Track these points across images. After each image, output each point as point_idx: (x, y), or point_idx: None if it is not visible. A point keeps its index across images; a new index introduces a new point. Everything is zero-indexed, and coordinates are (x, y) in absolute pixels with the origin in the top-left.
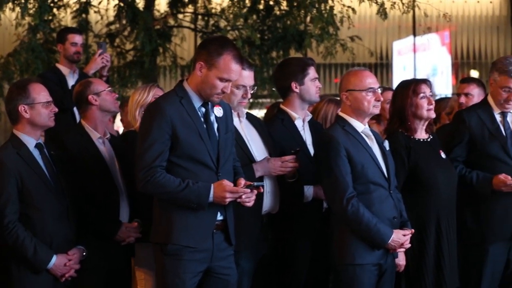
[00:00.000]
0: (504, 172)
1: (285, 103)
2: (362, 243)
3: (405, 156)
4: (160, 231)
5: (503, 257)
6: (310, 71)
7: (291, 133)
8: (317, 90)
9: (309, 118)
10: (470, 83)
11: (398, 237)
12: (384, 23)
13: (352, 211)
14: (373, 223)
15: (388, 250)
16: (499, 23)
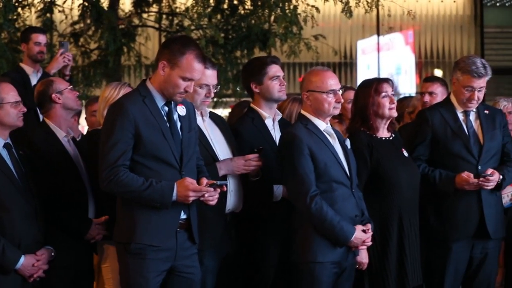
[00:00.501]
0: (467, 170)
1: (254, 102)
2: (324, 241)
3: (367, 155)
4: (123, 230)
5: (465, 254)
6: (269, 70)
7: (261, 132)
8: (279, 88)
9: (279, 117)
10: (434, 82)
11: (360, 235)
12: (348, 22)
13: (316, 209)
14: (336, 220)
15: (350, 248)
16: (462, 23)
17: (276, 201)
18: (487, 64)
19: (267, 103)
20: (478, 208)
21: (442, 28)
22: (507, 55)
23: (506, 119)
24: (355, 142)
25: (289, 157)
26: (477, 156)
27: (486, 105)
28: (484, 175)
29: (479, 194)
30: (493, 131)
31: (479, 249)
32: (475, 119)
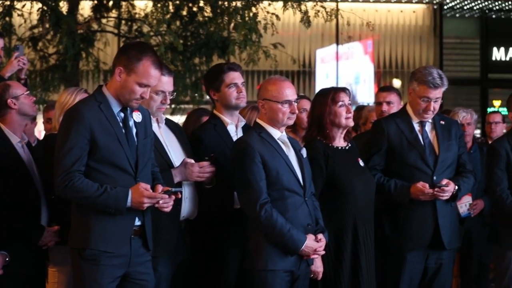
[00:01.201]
0: (422, 180)
1: (216, 109)
2: (275, 249)
3: (323, 164)
4: (78, 236)
5: (420, 265)
6: (226, 77)
7: (223, 138)
8: (237, 96)
9: (242, 124)
10: (390, 91)
11: (312, 243)
12: (308, 31)
13: (266, 217)
14: (286, 229)
15: (302, 256)
16: (422, 33)
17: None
18: (444, 75)
19: (228, 110)
20: (433, 219)
21: (402, 38)
22: (466, 66)
23: (462, 130)
24: (311, 151)
25: (240, 165)
26: (432, 166)
27: (442, 116)
28: (439, 186)
29: (434, 205)
30: (449, 141)
31: (433, 259)
32: (431, 129)
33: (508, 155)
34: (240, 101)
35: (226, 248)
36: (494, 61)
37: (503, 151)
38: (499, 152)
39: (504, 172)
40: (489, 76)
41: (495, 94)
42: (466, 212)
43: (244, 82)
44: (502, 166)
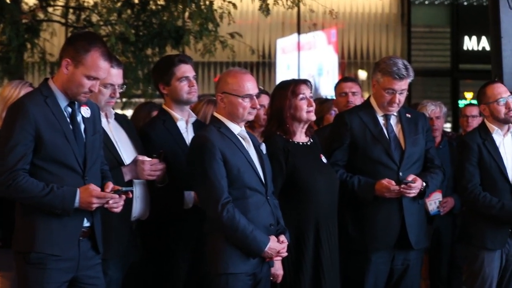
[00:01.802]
0: (387, 177)
1: (166, 104)
2: (236, 251)
3: (282, 160)
4: (22, 238)
5: (386, 266)
6: (177, 70)
7: (173, 135)
8: (188, 90)
9: (193, 120)
10: (354, 81)
11: (275, 245)
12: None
13: (228, 217)
14: (249, 230)
15: (264, 258)
16: (388, 21)
17: (187, 208)
18: (409, 65)
19: (178, 105)
20: (399, 217)
21: (367, 27)
22: (435, 56)
23: (429, 124)
24: (270, 147)
25: (200, 162)
26: (398, 162)
27: (408, 109)
28: (406, 182)
29: (400, 202)
30: (416, 135)
31: (400, 260)
32: (396, 123)
33: (480, 149)
34: (191, 96)
35: (174, 251)
36: (466, 51)
37: (474, 146)
38: (471, 146)
39: (475, 167)
40: (460, 66)
41: (467, 85)
42: (436, 210)
43: (195, 75)
44: (474, 161)
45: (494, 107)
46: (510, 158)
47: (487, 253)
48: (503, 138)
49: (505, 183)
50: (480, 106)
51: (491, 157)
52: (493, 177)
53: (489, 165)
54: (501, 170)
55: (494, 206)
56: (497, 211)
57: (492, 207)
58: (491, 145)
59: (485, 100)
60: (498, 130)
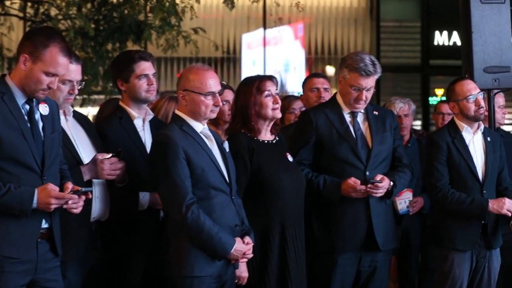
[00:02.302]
0: (354, 176)
1: (123, 101)
2: (201, 254)
3: (247, 159)
4: None
5: (353, 268)
6: (136, 67)
7: (129, 133)
8: (147, 88)
9: (150, 118)
10: (325, 78)
11: (240, 247)
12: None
13: (192, 219)
14: (214, 231)
15: (229, 260)
16: (357, 16)
17: (142, 209)
18: (377, 61)
19: (135, 103)
20: (366, 218)
21: (335, 21)
22: (405, 51)
23: (397, 121)
24: (234, 145)
25: (162, 162)
26: (365, 160)
27: (375, 106)
28: (373, 182)
29: (367, 202)
30: (383, 133)
31: (367, 261)
32: (363, 120)
33: (449, 148)
34: (150, 95)
35: (129, 254)
36: (436, 46)
37: (443, 144)
38: (439, 144)
39: (444, 166)
40: (430, 62)
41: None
42: (405, 209)
43: (155, 73)
44: (443, 159)
45: (463, 104)
46: (480, 156)
47: (457, 254)
48: (473, 136)
49: (475, 182)
50: (449, 104)
51: (460, 156)
52: (462, 176)
53: (459, 164)
54: (471, 169)
55: (464, 201)
56: (467, 206)
57: (462, 203)
58: (461, 143)
59: (454, 97)
60: (468, 128)
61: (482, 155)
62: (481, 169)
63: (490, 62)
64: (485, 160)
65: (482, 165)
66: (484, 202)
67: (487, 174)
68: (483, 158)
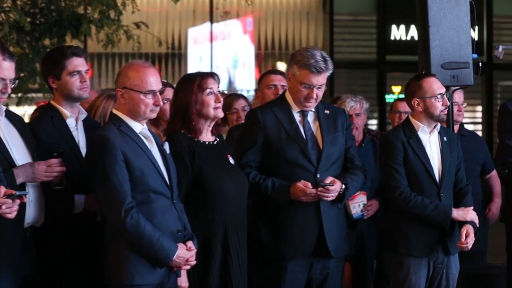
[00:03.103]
0: (304, 179)
1: (54, 99)
2: (142, 261)
3: (188, 161)
4: None
5: (303, 275)
6: (68, 63)
7: (61, 133)
8: (80, 86)
9: (83, 117)
10: (283, 75)
11: (183, 253)
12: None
13: (132, 224)
14: (155, 237)
15: (172, 268)
16: (309, 9)
17: (78, 213)
18: (328, 58)
19: (68, 101)
20: (317, 222)
21: (286, 15)
22: (360, 47)
23: (349, 120)
24: (174, 146)
25: (100, 164)
26: (315, 162)
27: (327, 104)
28: (324, 185)
29: (318, 207)
30: (335, 134)
31: (318, 269)
32: (313, 120)
33: (405, 148)
34: (83, 92)
35: (66, 259)
36: (393, 41)
37: (399, 144)
38: (395, 144)
39: (402, 167)
40: (387, 58)
41: (394, 78)
42: (359, 213)
43: (88, 69)
44: (400, 160)
45: (431, 102)
46: (436, 158)
47: (413, 261)
48: (429, 136)
49: (432, 184)
50: (412, 100)
51: (416, 157)
52: (419, 178)
53: (415, 165)
54: (428, 170)
55: (426, 206)
56: (430, 212)
57: (424, 207)
58: (417, 143)
59: (420, 94)
60: (424, 127)
61: (439, 156)
62: (438, 170)
63: (448, 58)
64: (441, 161)
65: (439, 166)
66: (448, 210)
67: (444, 175)
68: (439, 159)
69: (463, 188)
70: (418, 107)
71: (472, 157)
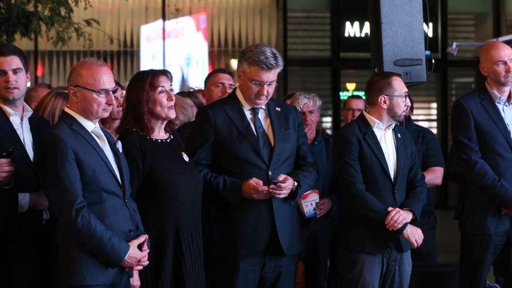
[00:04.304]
0: (256, 176)
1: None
2: (93, 261)
3: (139, 160)
4: None
5: (256, 274)
6: None
7: (5, 131)
8: (5, 86)
9: (29, 114)
10: (231, 74)
11: (135, 253)
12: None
13: (83, 224)
14: (107, 237)
15: (124, 268)
16: (262, 6)
17: (22, 212)
18: (278, 54)
19: (4, 100)
20: (269, 220)
21: (239, 12)
22: (314, 44)
23: (301, 117)
24: (126, 145)
25: (50, 163)
26: (267, 160)
27: (278, 101)
28: (275, 182)
29: (270, 204)
30: (286, 131)
31: (271, 267)
32: (265, 117)
33: (360, 143)
34: (8, 94)
35: (12, 260)
36: (347, 38)
37: (354, 139)
38: (350, 139)
39: (357, 162)
40: (341, 55)
41: (349, 76)
42: (312, 212)
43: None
44: (355, 155)
45: (397, 101)
46: (392, 154)
47: (367, 258)
48: (384, 132)
49: (387, 181)
50: (379, 97)
51: (372, 153)
52: (374, 174)
53: (370, 161)
54: (383, 167)
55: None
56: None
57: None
58: (372, 139)
59: (389, 91)
60: (380, 123)
61: (394, 153)
62: (393, 167)
63: (401, 55)
64: (396, 158)
65: (394, 163)
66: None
67: (399, 173)
68: (394, 156)
69: (417, 184)
70: (384, 104)
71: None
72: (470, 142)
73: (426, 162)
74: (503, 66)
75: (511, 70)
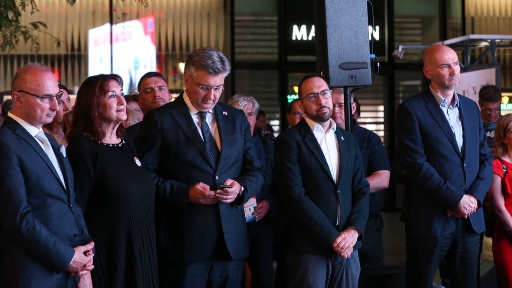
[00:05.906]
0: (203, 181)
1: None
2: (38, 266)
3: (90, 164)
4: None
5: (203, 278)
6: None
7: None
8: None
9: None
10: (158, 76)
11: (80, 258)
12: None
13: (27, 229)
14: (51, 242)
15: (69, 273)
16: (210, 9)
17: None
18: (225, 58)
19: None
20: (216, 225)
21: (187, 16)
22: (262, 47)
23: (248, 122)
24: (76, 150)
25: None
26: (214, 164)
27: (225, 105)
28: (222, 187)
29: (217, 209)
30: (233, 135)
31: (218, 271)
32: (212, 121)
33: (299, 146)
34: None
35: None
36: (295, 41)
37: (293, 142)
38: (288, 143)
39: (296, 165)
40: (288, 58)
41: (296, 79)
42: (251, 216)
43: None
44: (294, 158)
45: (306, 103)
46: (333, 156)
47: (311, 260)
48: (324, 134)
49: (329, 182)
50: (298, 102)
51: (311, 154)
52: (315, 176)
53: (310, 163)
54: (324, 168)
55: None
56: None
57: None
58: (312, 141)
59: (300, 95)
60: (319, 126)
61: (336, 155)
62: (335, 169)
63: (346, 58)
64: (339, 159)
65: (336, 164)
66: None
67: (341, 174)
68: (336, 158)
69: (362, 189)
70: (301, 108)
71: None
72: (415, 145)
73: (372, 166)
74: (447, 69)
75: (455, 73)
